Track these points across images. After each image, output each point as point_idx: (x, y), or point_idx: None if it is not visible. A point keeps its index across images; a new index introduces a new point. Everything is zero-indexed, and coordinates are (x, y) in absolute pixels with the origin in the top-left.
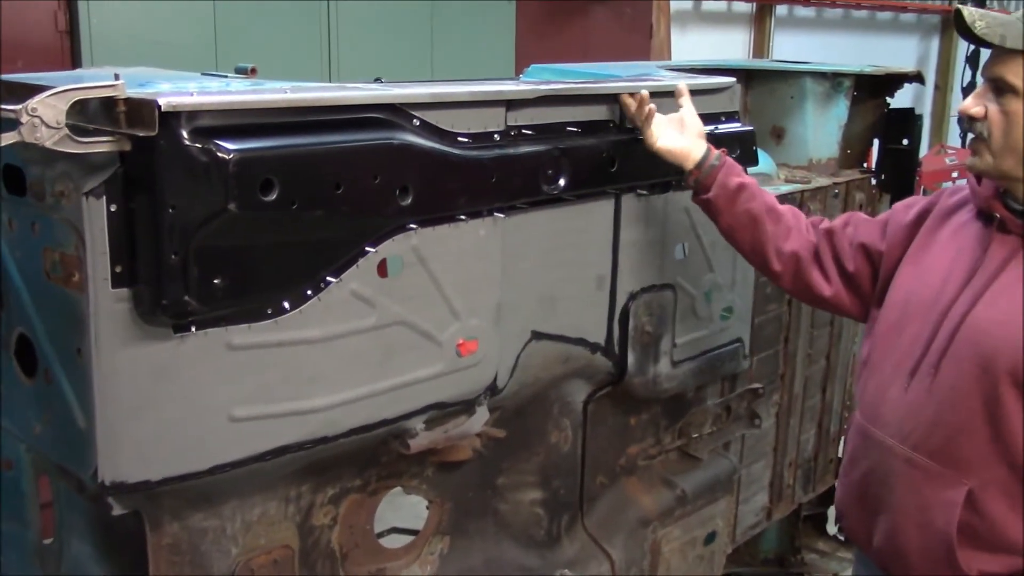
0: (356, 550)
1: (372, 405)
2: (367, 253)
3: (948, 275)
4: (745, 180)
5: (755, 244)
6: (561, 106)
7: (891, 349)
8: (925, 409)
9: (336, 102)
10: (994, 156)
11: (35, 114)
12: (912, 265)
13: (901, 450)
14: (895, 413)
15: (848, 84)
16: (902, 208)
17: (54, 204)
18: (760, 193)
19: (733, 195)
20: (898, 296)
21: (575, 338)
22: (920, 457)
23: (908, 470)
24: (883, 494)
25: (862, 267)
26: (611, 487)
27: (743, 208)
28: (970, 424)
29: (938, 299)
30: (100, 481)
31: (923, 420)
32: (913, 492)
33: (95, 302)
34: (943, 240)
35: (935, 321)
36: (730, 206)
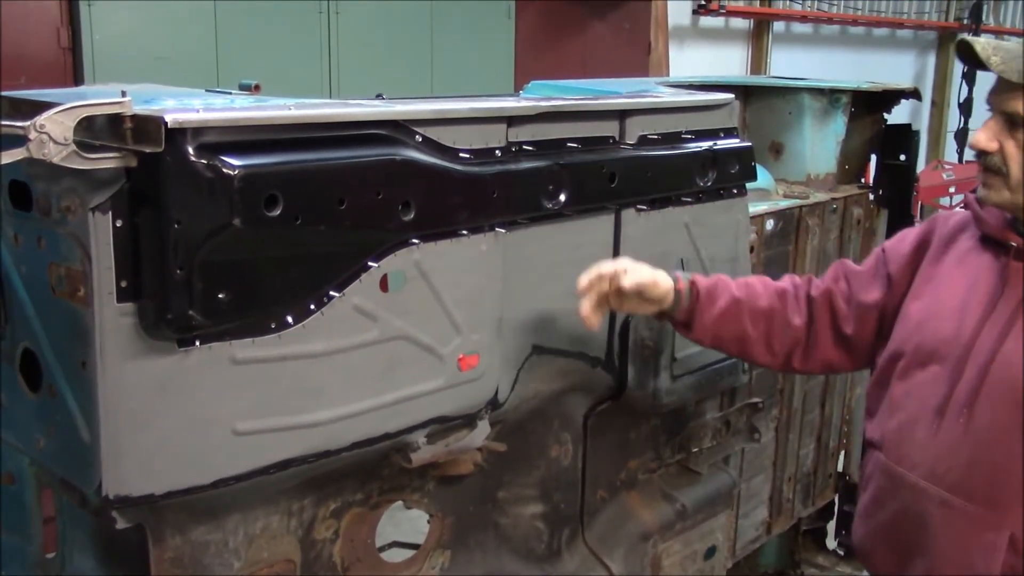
0: (358, 564)
1: (374, 419)
2: (369, 268)
3: (965, 308)
4: (719, 306)
5: (743, 354)
6: (562, 122)
7: (912, 387)
8: (961, 450)
9: (340, 118)
10: (1011, 191)
11: (43, 130)
12: (920, 299)
13: (936, 492)
14: (925, 454)
15: (846, 100)
16: (895, 244)
17: (60, 219)
18: (738, 311)
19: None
20: (911, 332)
21: (575, 352)
22: (958, 500)
23: (945, 513)
24: (918, 537)
25: (861, 327)
26: (611, 501)
27: (725, 333)
28: (1010, 464)
29: (958, 334)
30: (104, 495)
31: (959, 462)
32: (952, 536)
33: (100, 316)
34: (949, 270)
35: (958, 357)
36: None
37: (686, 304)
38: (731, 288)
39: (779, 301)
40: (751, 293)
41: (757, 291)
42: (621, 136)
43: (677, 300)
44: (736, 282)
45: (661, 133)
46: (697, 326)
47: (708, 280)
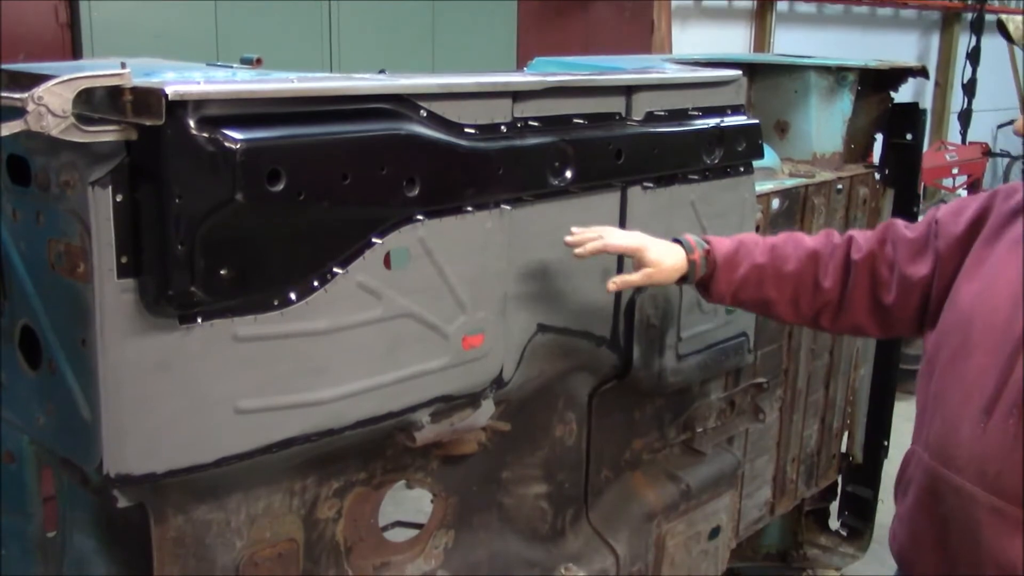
0: (361, 544)
1: (378, 397)
2: (374, 244)
3: (1017, 296)
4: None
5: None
6: (568, 98)
7: (957, 380)
8: (1012, 453)
9: (343, 92)
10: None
11: (41, 102)
12: (971, 282)
13: (985, 498)
14: (972, 455)
15: (852, 78)
16: (950, 217)
17: (59, 194)
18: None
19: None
20: (958, 319)
21: (581, 331)
22: (1009, 507)
23: (996, 520)
24: (966, 545)
25: (903, 299)
26: (615, 481)
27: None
28: None
29: (1010, 325)
30: (105, 473)
31: (1010, 465)
32: (1004, 545)
33: (100, 293)
34: (1004, 253)
35: (1011, 351)
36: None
37: (703, 273)
38: (754, 254)
39: (810, 264)
40: (777, 257)
41: (785, 253)
42: (627, 112)
43: (692, 270)
44: (762, 244)
45: (668, 110)
46: (715, 292)
47: (729, 245)
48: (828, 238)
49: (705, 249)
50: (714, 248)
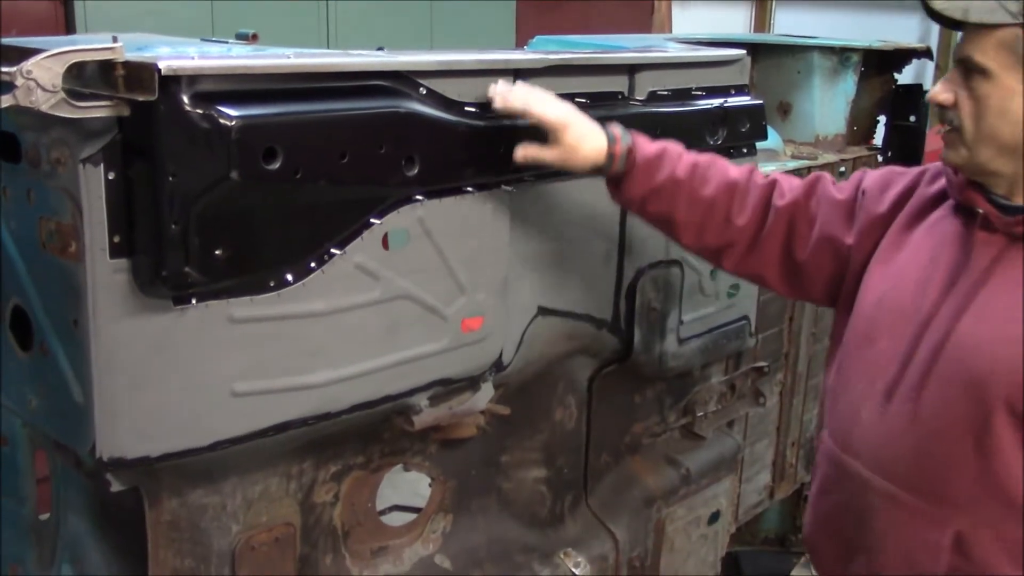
0: (358, 528)
1: (376, 380)
2: (372, 225)
3: (927, 280)
4: (656, 180)
5: (667, 234)
6: (570, 76)
7: (862, 364)
8: (906, 438)
9: (341, 68)
10: (968, 148)
11: (30, 76)
12: (883, 264)
13: (880, 484)
14: (870, 440)
15: (856, 59)
16: (876, 191)
17: (50, 172)
18: (674, 192)
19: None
20: (868, 302)
21: (582, 314)
22: (903, 493)
23: (890, 508)
24: (862, 533)
25: (816, 260)
26: (615, 466)
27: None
28: (958, 457)
29: (917, 308)
30: (98, 457)
31: (904, 451)
32: (896, 533)
33: (92, 273)
34: (919, 237)
35: (913, 334)
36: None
37: (619, 169)
38: (676, 167)
39: (727, 195)
40: (697, 177)
41: (706, 176)
42: (630, 91)
43: (608, 163)
44: (686, 159)
45: (671, 89)
46: (624, 193)
47: (652, 149)
48: (751, 174)
49: (628, 146)
50: (636, 148)
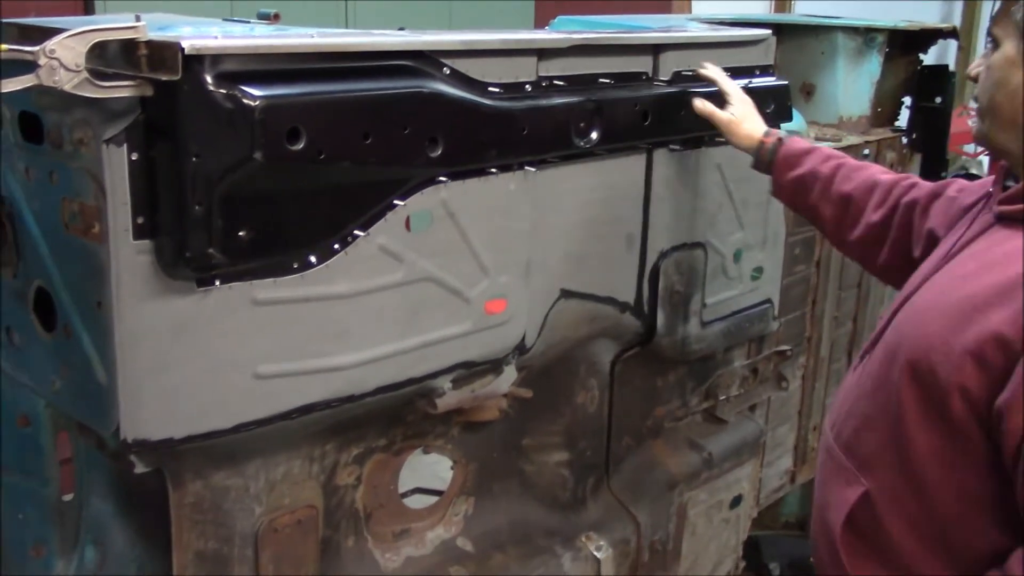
0: (380, 510)
1: (399, 363)
2: (395, 206)
3: (932, 256)
4: (795, 173)
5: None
6: (594, 56)
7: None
8: (848, 397)
9: (365, 48)
10: (979, 119)
11: (53, 56)
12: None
13: (828, 443)
14: (836, 400)
15: (881, 40)
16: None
17: (73, 152)
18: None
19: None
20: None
21: (604, 297)
22: (836, 449)
23: (827, 461)
24: (817, 493)
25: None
26: (637, 449)
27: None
28: (876, 419)
29: (911, 282)
30: (122, 439)
31: (844, 409)
32: (824, 486)
33: (116, 254)
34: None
35: (898, 304)
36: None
37: (767, 159)
38: (820, 164)
39: (866, 192)
40: (841, 175)
41: (851, 176)
42: (654, 72)
43: (758, 151)
44: (836, 160)
45: (696, 70)
46: (775, 185)
47: (800, 147)
48: (900, 179)
49: (778, 139)
50: (785, 143)
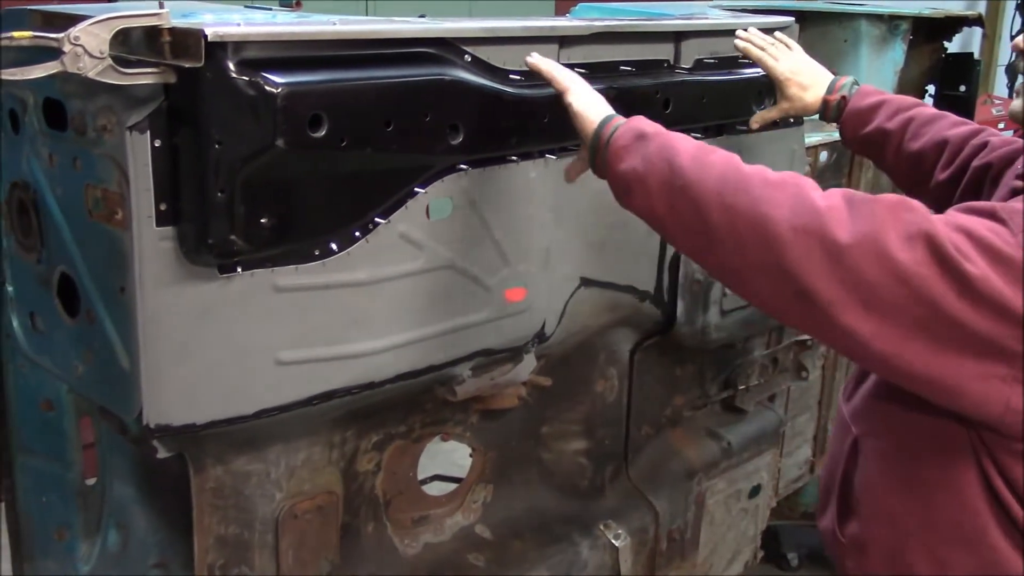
0: (399, 496)
1: (419, 350)
2: (416, 194)
3: None
4: (864, 131)
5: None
6: (615, 44)
7: None
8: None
9: (388, 35)
10: (1019, 96)
11: (77, 43)
12: None
13: (841, 413)
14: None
15: (905, 27)
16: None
17: (96, 139)
18: (884, 142)
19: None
20: None
21: (624, 285)
22: (843, 406)
23: (837, 422)
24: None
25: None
26: (656, 438)
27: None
28: (867, 371)
29: None
30: (145, 424)
31: (852, 373)
32: (833, 442)
33: (139, 240)
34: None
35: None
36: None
37: (833, 117)
38: (888, 120)
39: (935, 150)
40: (911, 131)
41: (920, 132)
42: (676, 60)
43: (823, 110)
44: (906, 114)
45: (718, 57)
46: (844, 138)
47: (867, 102)
48: (973, 134)
49: (842, 96)
50: (852, 98)
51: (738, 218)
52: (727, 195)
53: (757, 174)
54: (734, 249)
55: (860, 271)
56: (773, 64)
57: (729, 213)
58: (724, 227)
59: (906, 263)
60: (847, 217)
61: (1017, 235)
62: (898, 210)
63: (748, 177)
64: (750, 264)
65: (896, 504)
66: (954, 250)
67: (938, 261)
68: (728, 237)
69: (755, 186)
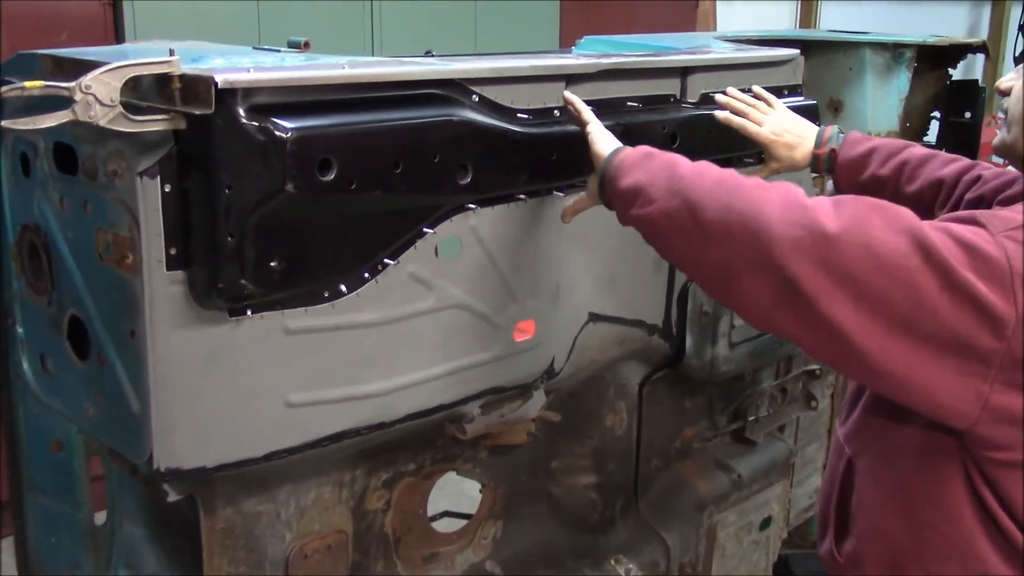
0: (409, 534)
1: (429, 390)
2: (425, 234)
3: None
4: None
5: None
6: (622, 80)
7: None
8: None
9: (396, 78)
10: (1008, 129)
11: (89, 91)
12: None
13: (837, 439)
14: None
15: (910, 55)
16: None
17: (107, 183)
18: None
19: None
20: None
21: (633, 320)
22: (838, 429)
23: (835, 449)
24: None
25: None
26: (666, 471)
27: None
28: (861, 388)
29: None
30: (155, 468)
31: (850, 401)
32: (829, 464)
33: (149, 284)
34: None
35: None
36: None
37: (825, 169)
38: (881, 166)
39: (932, 190)
40: (906, 175)
41: (915, 175)
42: (682, 94)
43: (814, 164)
44: (899, 157)
45: (724, 91)
46: (838, 191)
47: (857, 151)
48: (966, 170)
49: (831, 149)
50: (841, 149)
51: (730, 214)
52: (721, 194)
53: (751, 180)
54: (726, 245)
55: (846, 261)
56: (757, 130)
57: (722, 210)
58: (717, 223)
59: (891, 253)
60: (834, 212)
61: (996, 235)
62: (883, 206)
63: (742, 180)
64: (740, 260)
65: (889, 520)
66: (939, 244)
67: (922, 253)
68: (720, 232)
69: (748, 187)
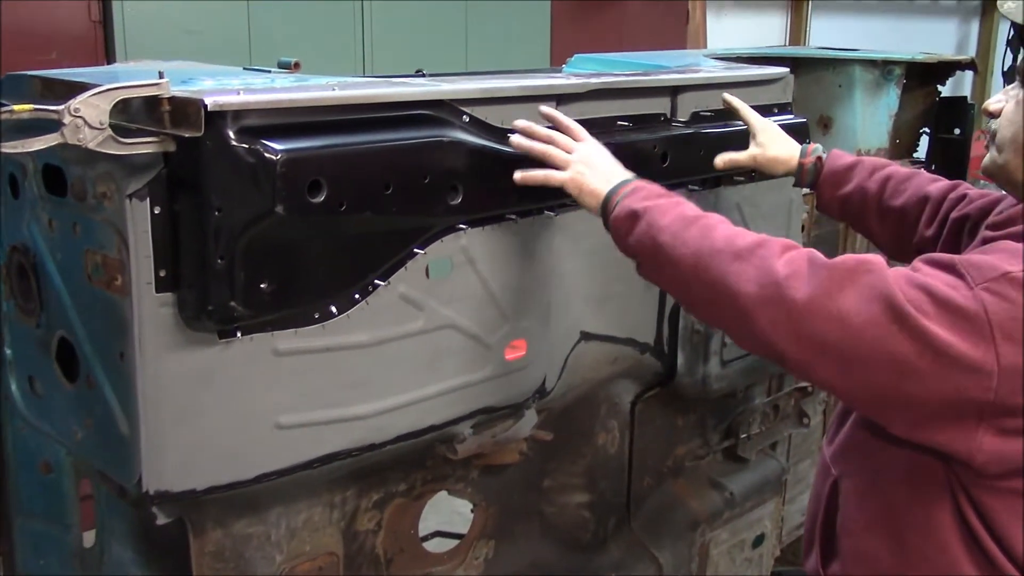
0: (401, 555)
1: (420, 411)
2: (416, 255)
3: None
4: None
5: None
6: (612, 99)
7: None
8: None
9: (387, 99)
10: (998, 151)
11: (78, 114)
12: None
13: (823, 458)
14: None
15: (899, 72)
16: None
17: (96, 205)
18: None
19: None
20: None
21: (624, 338)
22: (824, 448)
23: (819, 468)
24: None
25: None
26: (658, 489)
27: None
28: (848, 413)
29: None
30: (144, 490)
31: (836, 422)
32: (814, 483)
33: (138, 307)
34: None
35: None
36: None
37: (809, 180)
38: (867, 180)
39: (917, 206)
40: (890, 189)
41: (900, 189)
42: (673, 113)
43: (799, 174)
44: (883, 173)
45: (714, 110)
46: (821, 203)
47: (843, 163)
48: (952, 188)
49: (818, 157)
50: (827, 160)
51: (716, 296)
52: (701, 272)
53: (727, 248)
54: (716, 323)
55: (820, 332)
56: (749, 113)
57: (705, 291)
58: (704, 305)
59: (864, 324)
60: (805, 283)
61: (973, 288)
62: (857, 272)
63: (719, 252)
64: (734, 334)
65: (874, 543)
66: (912, 308)
67: (896, 320)
68: (709, 314)
69: (724, 261)
